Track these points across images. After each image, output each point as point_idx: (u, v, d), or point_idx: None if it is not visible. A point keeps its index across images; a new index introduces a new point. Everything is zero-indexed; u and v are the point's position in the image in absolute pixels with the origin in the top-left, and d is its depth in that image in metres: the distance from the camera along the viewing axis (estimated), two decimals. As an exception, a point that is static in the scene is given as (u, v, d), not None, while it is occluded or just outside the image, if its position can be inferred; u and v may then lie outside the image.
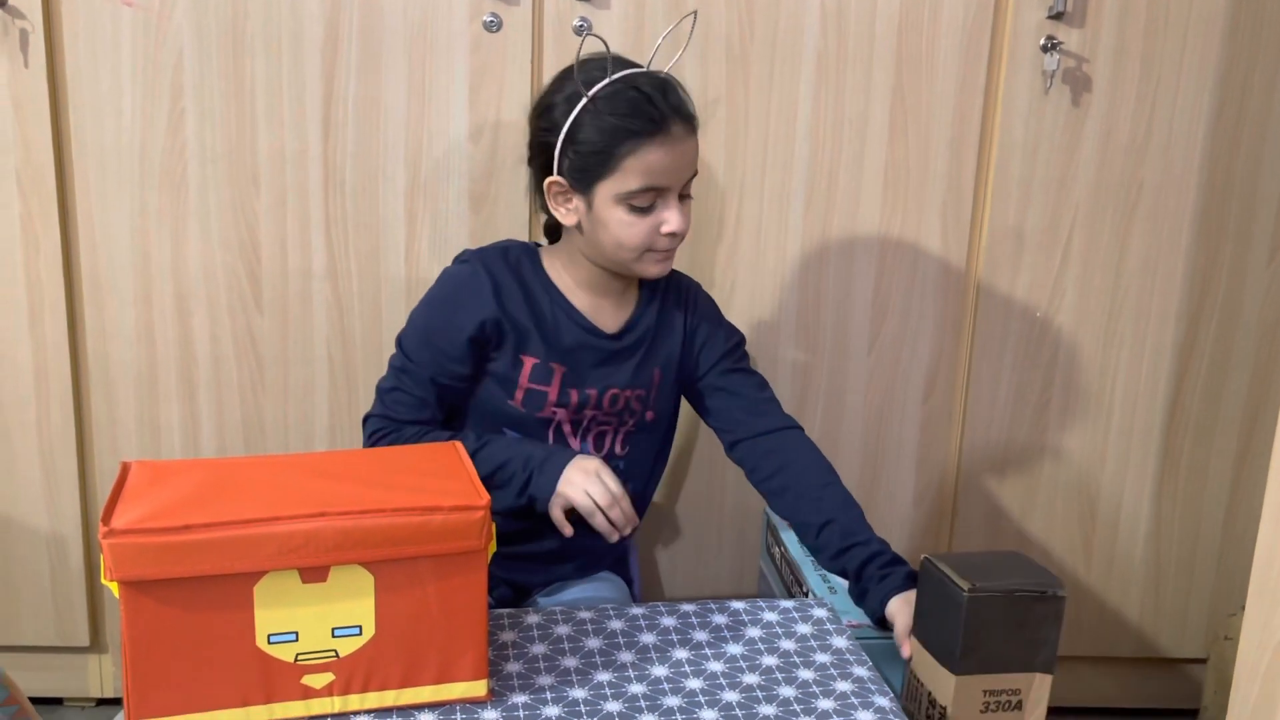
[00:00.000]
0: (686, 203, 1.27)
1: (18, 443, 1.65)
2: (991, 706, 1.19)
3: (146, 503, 0.92)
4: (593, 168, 1.22)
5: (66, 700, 1.78)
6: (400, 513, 0.92)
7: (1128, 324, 1.73)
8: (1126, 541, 1.82)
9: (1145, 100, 1.65)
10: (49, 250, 1.60)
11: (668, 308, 1.39)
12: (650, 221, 1.23)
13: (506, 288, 1.29)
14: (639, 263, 1.27)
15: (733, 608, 1.19)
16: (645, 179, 1.20)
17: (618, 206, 1.22)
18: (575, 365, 1.31)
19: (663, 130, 1.19)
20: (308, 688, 0.94)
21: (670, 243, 1.26)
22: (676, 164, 1.21)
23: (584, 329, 1.32)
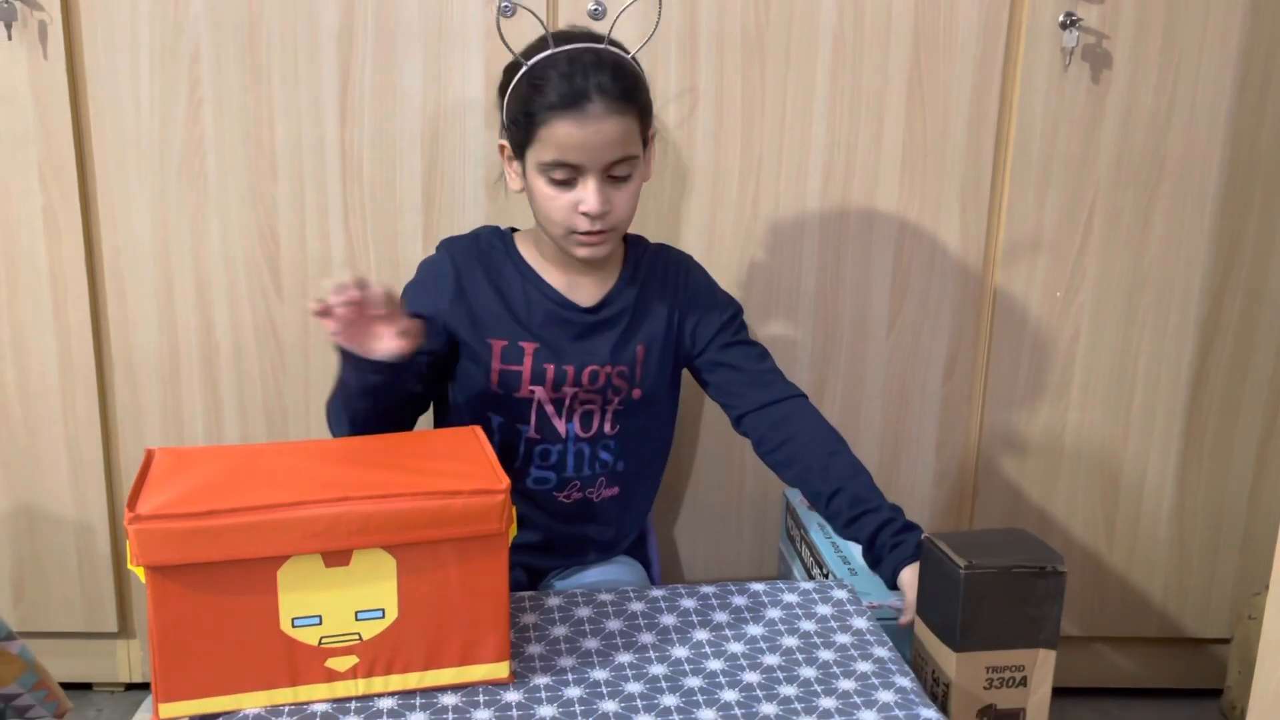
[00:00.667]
0: (622, 187, 1.24)
1: (43, 432, 1.66)
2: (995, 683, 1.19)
3: (171, 489, 0.93)
4: (520, 135, 1.23)
5: (96, 685, 1.80)
6: (421, 496, 0.92)
7: (1150, 302, 1.72)
8: (1150, 521, 1.80)
9: (1167, 75, 1.63)
10: (71, 241, 1.60)
11: (652, 284, 1.37)
12: (570, 198, 1.22)
13: (470, 274, 1.30)
14: (566, 241, 1.26)
15: (752, 589, 1.19)
16: (557, 152, 1.20)
17: (539, 177, 1.23)
18: (549, 341, 1.31)
19: (575, 106, 1.17)
20: (331, 671, 0.94)
21: (589, 223, 1.23)
22: (590, 142, 1.19)
23: (556, 303, 1.31)
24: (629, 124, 1.21)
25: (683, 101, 1.61)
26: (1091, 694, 1.87)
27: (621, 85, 1.20)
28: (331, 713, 0.95)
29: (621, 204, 1.25)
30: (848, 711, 0.99)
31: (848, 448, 1.33)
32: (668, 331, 1.37)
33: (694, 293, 1.39)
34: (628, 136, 1.22)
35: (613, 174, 1.22)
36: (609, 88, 1.18)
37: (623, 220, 1.26)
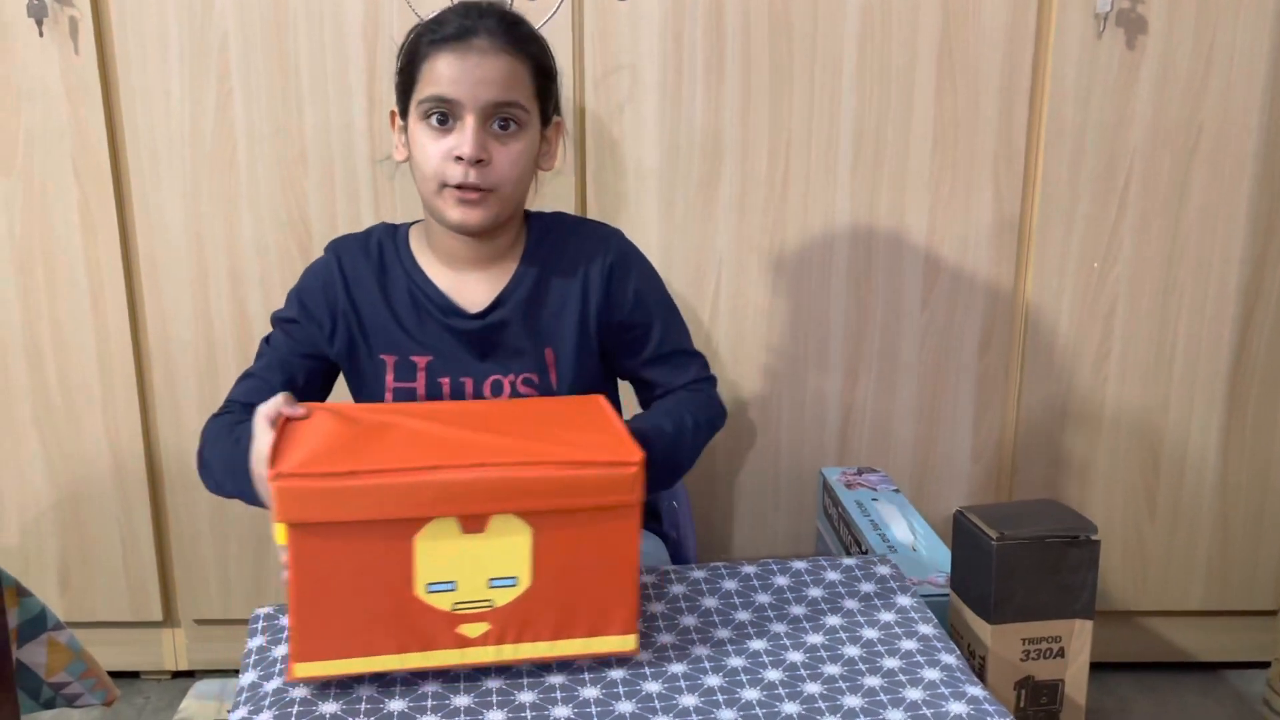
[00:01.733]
0: (507, 142, 1.11)
1: (85, 424, 1.67)
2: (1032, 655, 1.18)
3: (309, 445, 0.93)
4: (405, 82, 1.15)
5: (143, 673, 1.81)
6: (559, 465, 0.92)
7: (1189, 270, 1.68)
8: (1192, 492, 1.77)
9: (1203, 39, 1.59)
10: (107, 235, 1.61)
11: (554, 273, 1.19)
12: (445, 144, 1.10)
13: (357, 281, 1.18)
14: (440, 201, 1.13)
15: (795, 567, 1.18)
16: (436, 86, 1.10)
17: (419, 124, 1.12)
18: (441, 354, 1.17)
19: (458, 38, 1.10)
20: (463, 637, 0.94)
21: (462, 174, 1.10)
22: (470, 75, 1.09)
23: (442, 309, 1.17)
24: (517, 68, 1.12)
25: (709, 76, 1.59)
26: (1134, 668, 1.84)
27: (512, 28, 1.12)
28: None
29: (504, 161, 1.11)
30: (893, 690, 0.97)
31: (686, 409, 1.17)
32: (582, 329, 1.19)
33: (607, 280, 1.19)
34: (514, 80, 1.11)
35: (497, 124, 1.11)
36: (498, 27, 1.11)
37: (505, 180, 1.12)
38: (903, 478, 1.75)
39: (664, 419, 1.15)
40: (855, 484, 1.61)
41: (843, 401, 1.72)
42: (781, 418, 1.72)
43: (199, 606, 1.75)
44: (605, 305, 1.19)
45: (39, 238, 1.61)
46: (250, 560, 1.73)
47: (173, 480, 1.70)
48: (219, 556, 1.73)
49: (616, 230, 1.25)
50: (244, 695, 0.97)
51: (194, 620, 1.77)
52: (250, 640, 1.05)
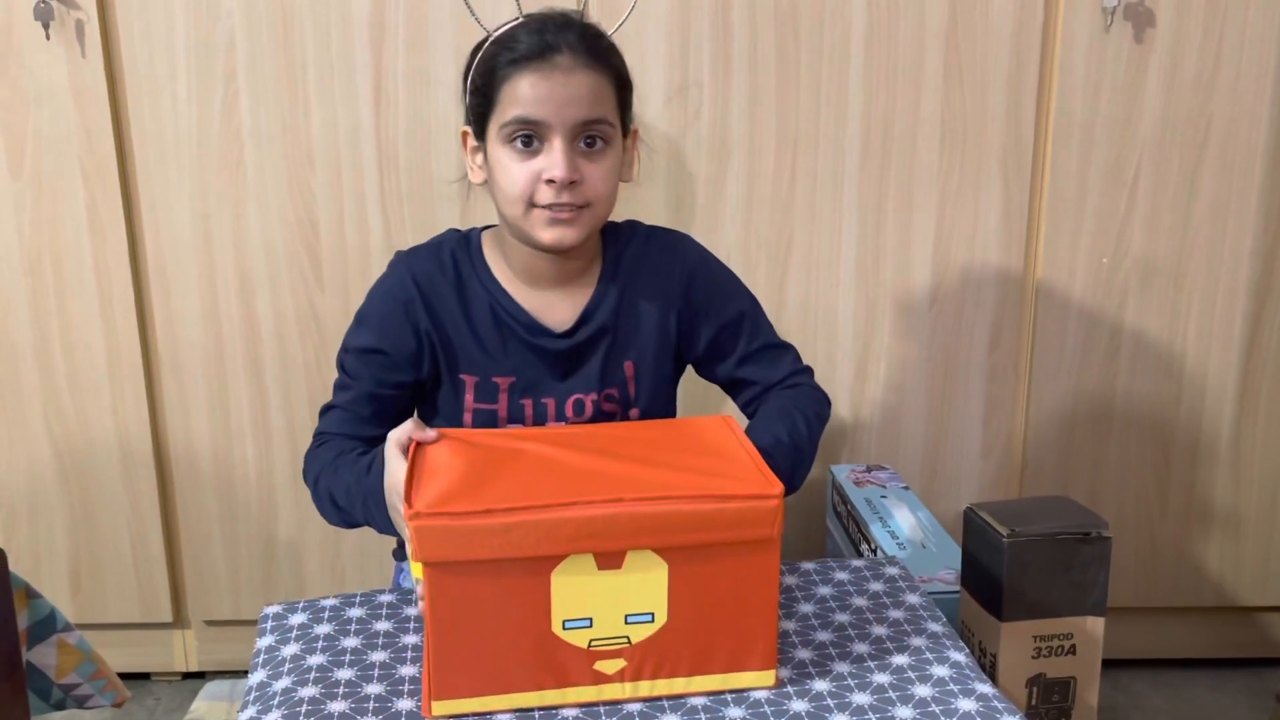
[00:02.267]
0: (596, 159, 1.09)
1: (95, 426, 1.68)
2: (1043, 652, 1.18)
3: (443, 481, 0.91)
4: (482, 104, 1.10)
5: (153, 675, 1.82)
6: (697, 499, 0.91)
7: (1199, 265, 1.67)
8: (1204, 489, 1.76)
9: (1212, 33, 1.58)
10: (115, 237, 1.61)
11: (637, 284, 1.18)
12: (532, 166, 1.07)
13: (436, 298, 1.14)
14: (528, 222, 1.09)
15: (803, 568, 1.18)
16: (519, 107, 1.06)
17: (502, 148, 1.09)
18: (524, 374, 1.15)
19: (540, 57, 1.06)
20: (599, 673, 0.93)
21: (554, 194, 1.07)
22: (556, 95, 1.06)
23: (527, 329, 1.15)
24: (602, 83, 1.09)
25: (716, 74, 1.59)
26: (1147, 665, 1.83)
27: (594, 43, 1.09)
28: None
29: (595, 178, 1.09)
30: (902, 687, 0.97)
31: (796, 409, 1.17)
32: (661, 339, 1.19)
33: (690, 288, 1.19)
34: (600, 96, 1.08)
35: (584, 141, 1.08)
36: (579, 43, 1.07)
37: (598, 198, 1.10)
38: (912, 475, 1.75)
39: (779, 427, 1.13)
40: (865, 481, 1.61)
41: (852, 399, 1.72)
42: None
43: (209, 607, 1.76)
44: (687, 313, 1.19)
45: (47, 240, 1.62)
46: (260, 561, 1.73)
47: (182, 482, 1.70)
48: (229, 557, 1.73)
49: (686, 235, 1.23)
50: (252, 695, 0.97)
51: (204, 621, 1.77)
52: (259, 640, 1.05)
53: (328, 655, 1.02)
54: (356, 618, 1.08)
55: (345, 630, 1.05)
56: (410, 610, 1.09)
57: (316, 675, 0.99)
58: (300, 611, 1.09)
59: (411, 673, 0.99)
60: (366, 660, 1.01)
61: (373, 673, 0.99)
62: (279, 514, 1.72)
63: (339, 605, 1.10)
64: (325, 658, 1.01)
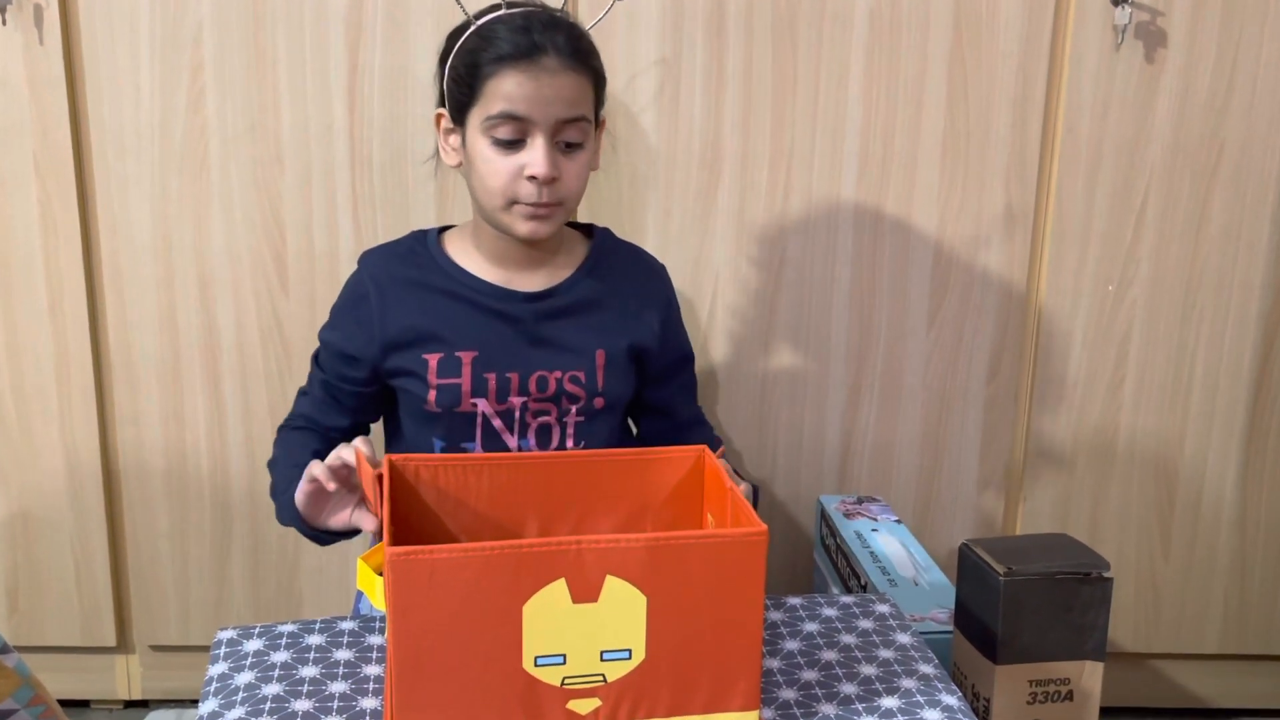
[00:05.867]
0: (573, 157, 1.19)
1: (39, 435, 1.67)
2: (1039, 698, 1.18)
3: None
4: (463, 94, 1.18)
5: (93, 702, 1.80)
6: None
7: (1208, 295, 1.70)
8: (1209, 529, 1.78)
9: (1226, 54, 1.61)
10: (68, 235, 1.61)
11: (621, 282, 1.29)
12: (514, 161, 1.16)
13: (391, 290, 1.24)
14: (507, 215, 1.19)
15: (789, 603, 1.18)
16: (504, 103, 1.15)
17: (483, 139, 1.17)
18: (488, 345, 1.24)
19: (528, 56, 1.14)
20: (573, 713, 0.93)
21: (535, 192, 1.16)
22: (541, 94, 1.15)
23: (494, 295, 1.24)
24: (583, 85, 1.18)
25: (709, 84, 1.60)
26: (1147, 714, 1.84)
27: (578, 44, 1.18)
28: None
29: (572, 176, 1.19)
30: (892, 730, 0.97)
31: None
32: (635, 339, 1.28)
33: (666, 311, 1.32)
34: (582, 97, 1.18)
35: (563, 139, 1.18)
36: (565, 44, 1.16)
37: (572, 195, 1.20)
38: (905, 508, 1.76)
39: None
40: (855, 513, 1.62)
41: (843, 426, 1.73)
42: (778, 442, 1.73)
43: (155, 632, 1.74)
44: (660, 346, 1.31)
45: (-4, 237, 1.61)
46: (211, 584, 1.72)
47: (131, 498, 1.69)
48: (178, 580, 1.72)
49: (663, 266, 1.36)
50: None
51: (149, 646, 1.76)
52: (211, 667, 1.05)
53: (284, 685, 1.01)
54: (316, 645, 1.07)
55: (303, 658, 1.05)
56: (373, 639, 1.09)
57: (272, 706, 0.98)
58: (256, 637, 1.08)
59: (373, 705, 0.99)
60: (325, 691, 1.01)
61: (332, 704, 0.99)
62: (234, 533, 1.71)
63: (297, 632, 1.09)
64: (282, 687, 1.01)
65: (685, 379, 1.38)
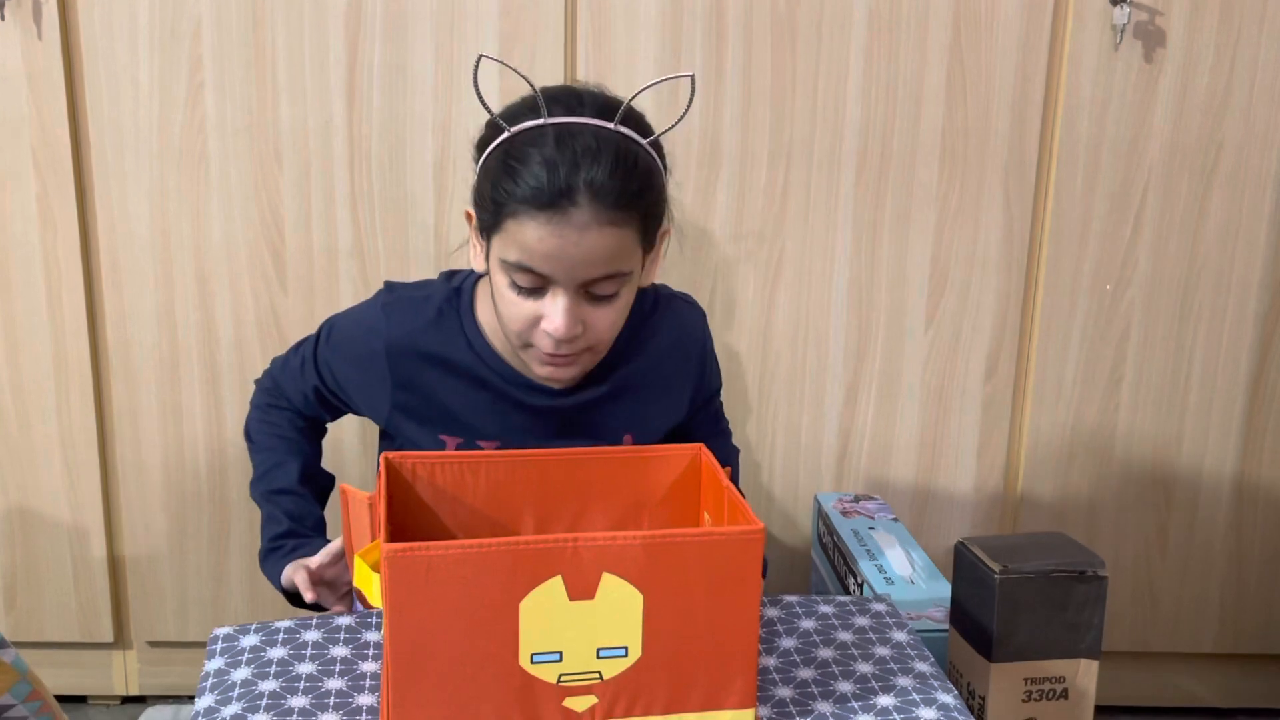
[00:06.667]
0: (604, 305, 1.05)
1: (37, 431, 1.67)
2: (1034, 695, 1.19)
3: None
4: (486, 217, 1.05)
5: (91, 698, 1.80)
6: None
7: (1206, 295, 1.70)
8: (1205, 529, 1.78)
9: (1225, 54, 1.61)
10: (66, 231, 1.61)
11: (657, 358, 1.19)
12: (533, 308, 1.04)
13: (413, 361, 1.14)
14: (525, 354, 1.09)
15: (785, 601, 1.18)
16: (521, 254, 1.01)
17: (502, 274, 1.05)
18: (511, 437, 1.15)
19: (553, 207, 0.98)
20: (569, 711, 0.93)
21: (552, 345, 1.04)
22: (565, 253, 0.99)
23: (524, 388, 1.15)
24: (623, 237, 1.01)
25: (709, 80, 1.60)
26: (1142, 712, 1.85)
27: (621, 186, 0.99)
28: None
29: (601, 323, 1.06)
30: (887, 728, 0.98)
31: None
32: (668, 415, 1.22)
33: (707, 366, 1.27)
34: (619, 252, 1.02)
35: (593, 291, 1.04)
36: (604, 188, 0.98)
37: (602, 342, 1.08)
38: (902, 506, 1.76)
39: None
40: (852, 512, 1.62)
41: (841, 424, 1.73)
42: (775, 440, 1.73)
43: (153, 628, 1.75)
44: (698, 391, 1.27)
45: (-6, 232, 1.61)
46: (209, 579, 1.73)
47: (129, 494, 1.69)
48: (176, 575, 1.72)
49: (698, 307, 1.28)
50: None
51: (147, 642, 1.76)
52: (208, 662, 1.05)
53: (281, 681, 1.02)
54: (313, 641, 1.08)
55: (300, 655, 1.05)
56: (370, 635, 1.09)
57: (269, 702, 0.99)
58: (253, 633, 1.09)
59: (369, 702, 0.99)
60: (322, 687, 1.01)
61: (328, 701, 0.99)
62: (232, 530, 1.71)
63: (294, 628, 1.10)
64: (278, 683, 1.01)
65: (711, 409, 1.33)
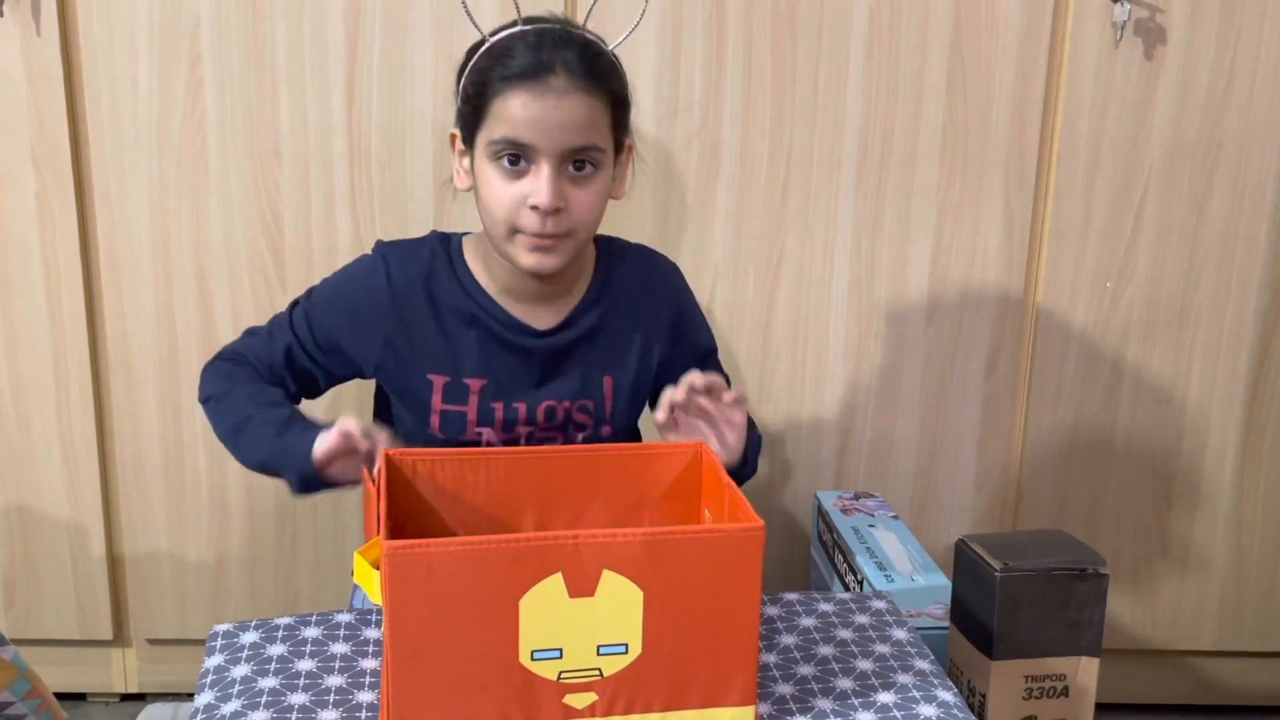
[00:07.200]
0: (583, 185, 1.13)
1: (36, 429, 1.67)
2: (1034, 693, 1.19)
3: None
4: (472, 115, 1.14)
5: (90, 696, 1.81)
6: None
7: (1206, 293, 1.70)
8: (1205, 526, 1.78)
9: (1225, 52, 1.61)
10: (65, 229, 1.61)
11: (625, 304, 1.24)
12: (518, 188, 1.11)
13: (410, 298, 1.19)
14: (511, 245, 1.14)
15: (785, 599, 1.18)
16: (508, 127, 1.10)
17: (489, 164, 1.13)
18: (497, 375, 1.20)
19: (534, 77, 1.09)
20: (569, 708, 0.93)
21: (538, 222, 1.11)
22: (547, 118, 1.09)
23: (506, 326, 1.20)
24: (595, 108, 1.11)
25: (709, 81, 1.60)
26: (1143, 710, 1.85)
27: (592, 64, 1.11)
28: None
29: (581, 205, 1.13)
30: (887, 726, 0.98)
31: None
32: (642, 362, 1.25)
33: (677, 322, 1.28)
34: (593, 123, 1.11)
35: (573, 167, 1.12)
36: (576, 64, 1.10)
37: (582, 225, 1.14)
38: (902, 504, 1.76)
39: None
40: (852, 509, 1.62)
41: (841, 422, 1.73)
42: (775, 437, 1.73)
43: (152, 625, 1.75)
44: (670, 348, 1.26)
45: (-7, 229, 1.61)
46: (209, 577, 1.73)
47: (128, 492, 1.69)
48: (175, 572, 1.72)
49: (674, 266, 1.31)
50: (199, 718, 0.97)
51: (146, 640, 1.76)
52: (208, 659, 1.05)
53: (280, 678, 1.02)
54: (312, 638, 1.08)
55: (300, 652, 1.05)
56: (370, 632, 1.09)
57: (268, 699, 0.99)
58: (252, 630, 1.09)
59: (369, 699, 0.99)
60: (322, 685, 1.01)
61: (328, 698, 0.99)
62: (231, 527, 1.71)
63: (294, 625, 1.10)
64: (278, 680, 1.01)
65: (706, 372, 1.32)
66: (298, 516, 1.71)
